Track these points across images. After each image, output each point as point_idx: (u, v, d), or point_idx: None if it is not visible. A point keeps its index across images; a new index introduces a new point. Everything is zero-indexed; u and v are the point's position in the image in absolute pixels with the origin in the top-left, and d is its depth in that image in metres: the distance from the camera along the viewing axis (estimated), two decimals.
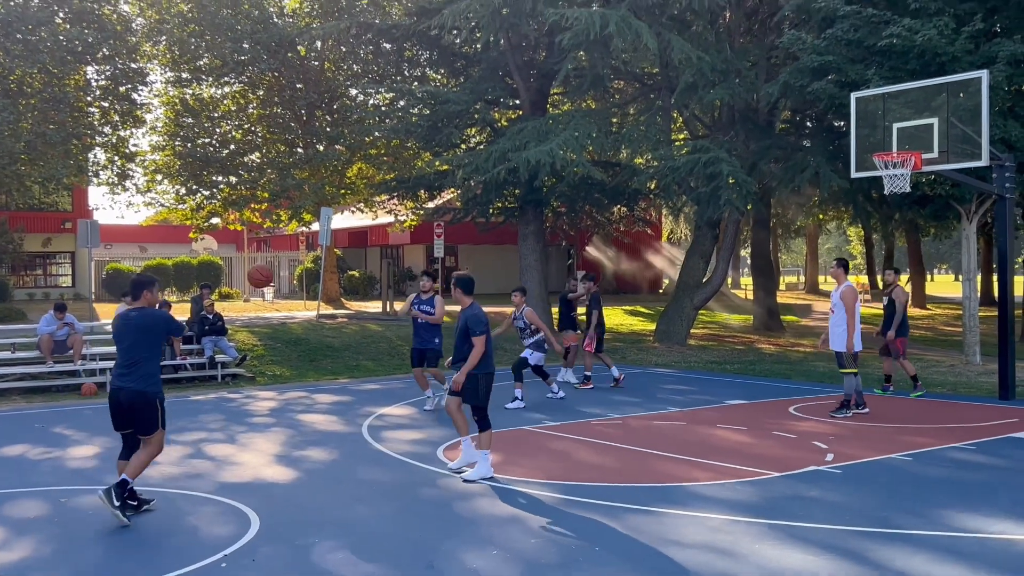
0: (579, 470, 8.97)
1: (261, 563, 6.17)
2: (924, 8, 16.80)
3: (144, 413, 7.33)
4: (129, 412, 7.34)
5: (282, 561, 6.22)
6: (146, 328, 7.40)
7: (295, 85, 28.19)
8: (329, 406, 13.63)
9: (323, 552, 6.38)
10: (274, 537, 6.76)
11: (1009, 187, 13.65)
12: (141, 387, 7.29)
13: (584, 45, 20.40)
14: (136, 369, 7.33)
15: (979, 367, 17.27)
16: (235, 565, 6.13)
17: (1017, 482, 8.20)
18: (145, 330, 7.40)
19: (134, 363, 7.34)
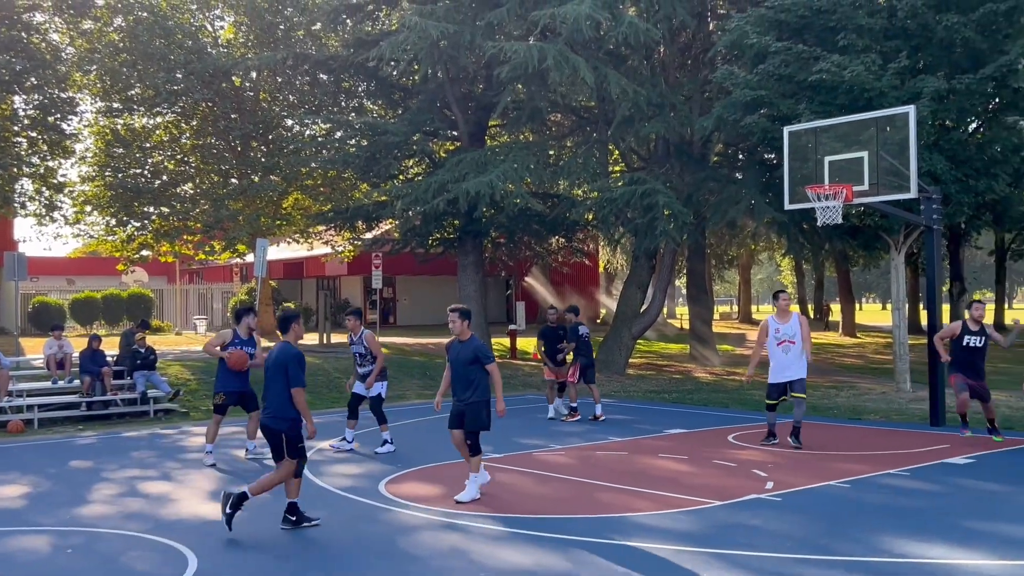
0: (523, 502, 8.92)
1: None
2: (852, 45, 17.32)
3: (272, 440, 7.89)
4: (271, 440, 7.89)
5: None
6: (278, 364, 7.82)
7: (230, 115, 27.87)
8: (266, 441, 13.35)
9: None
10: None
11: (936, 218, 14.07)
12: (266, 421, 7.89)
13: (522, 78, 20.62)
14: (268, 403, 7.88)
15: (910, 394, 17.66)
16: None
17: (950, 507, 8.37)
18: (284, 362, 7.80)
19: (267, 397, 7.89)
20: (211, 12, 29.72)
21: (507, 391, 20.07)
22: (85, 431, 14.88)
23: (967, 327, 11.84)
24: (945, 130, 17.95)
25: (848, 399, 17.42)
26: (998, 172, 18.09)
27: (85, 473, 10.92)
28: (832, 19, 17.58)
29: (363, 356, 12.24)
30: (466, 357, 9.01)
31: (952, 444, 11.85)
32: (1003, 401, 16.49)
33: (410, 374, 21.69)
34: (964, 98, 17.12)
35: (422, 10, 21.28)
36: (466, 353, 9.03)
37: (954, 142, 17.72)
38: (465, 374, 9.04)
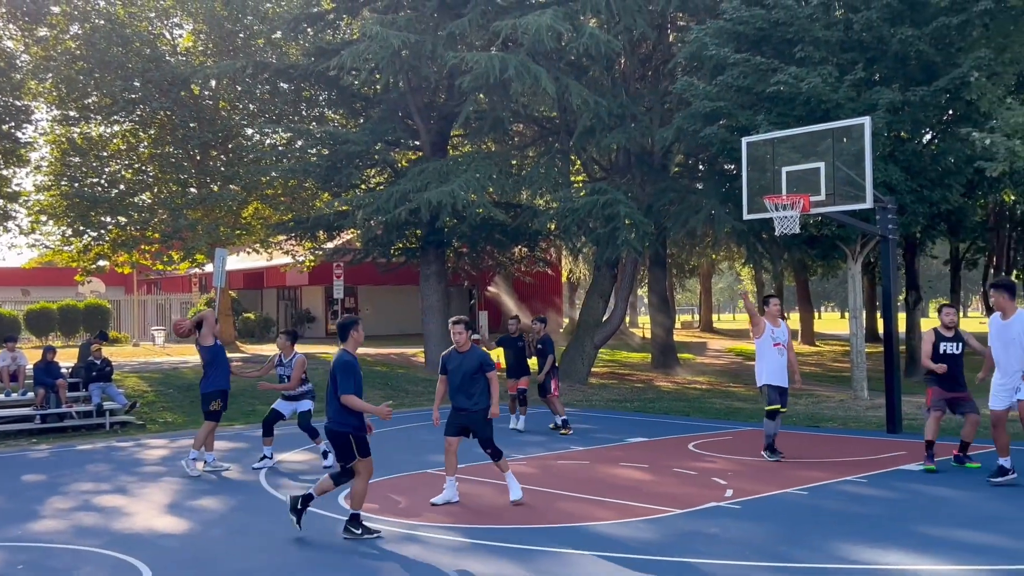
0: (484, 513, 8.89)
1: None
2: (809, 57, 17.55)
3: (335, 442, 7.93)
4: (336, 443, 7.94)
5: None
6: (335, 369, 7.91)
7: (188, 124, 27.59)
8: (224, 453, 13.20)
9: None
10: None
11: (892, 228, 14.28)
12: (330, 426, 7.93)
13: (484, 88, 20.65)
14: (329, 407, 7.97)
15: (867, 402, 17.88)
16: None
17: (906, 513, 8.47)
18: (334, 371, 7.91)
19: (329, 402, 7.96)
20: (169, 20, 29.46)
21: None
22: (39, 444, 14.61)
23: (940, 334, 10.80)
24: (900, 141, 18.24)
25: (807, 407, 17.59)
26: (952, 183, 18.41)
27: (38, 487, 10.72)
28: (789, 31, 17.81)
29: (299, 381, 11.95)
30: (470, 367, 9.16)
31: (908, 451, 12.00)
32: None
33: (372, 385, 21.54)
34: (918, 110, 17.42)
35: (383, 19, 21.25)
36: (470, 363, 9.18)
37: (909, 153, 18.01)
38: (469, 384, 9.18)
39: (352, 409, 7.85)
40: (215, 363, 11.43)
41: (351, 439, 7.87)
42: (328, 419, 7.99)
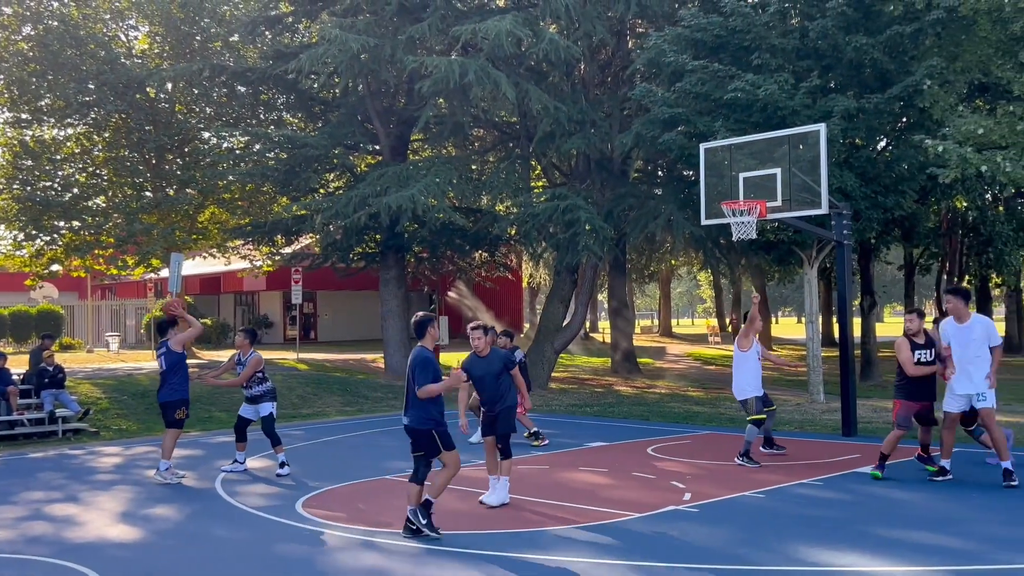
0: (443, 518, 8.84)
1: None
2: (766, 64, 17.74)
3: (420, 440, 8.11)
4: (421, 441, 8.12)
5: None
6: (414, 365, 8.08)
7: (144, 127, 27.20)
8: (179, 461, 13.00)
9: None
10: None
11: (847, 234, 14.46)
12: (412, 424, 8.09)
13: (444, 93, 20.62)
14: (410, 406, 8.11)
15: (823, 405, 18.08)
16: None
17: (861, 515, 8.56)
18: (413, 367, 8.07)
19: (408, 401, 8.13)
20: (125, 22, 29.01)
21: None
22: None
23: (914, 343, 10.43)
24: (855, 148, 18.50)
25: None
26: (905, 189, 18.72)
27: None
28: (746, 39, 17.99)
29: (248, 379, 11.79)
30: (496, 369, 9.33)
31: (863, 454, 12.15)
32: None
33: (330, 390, 21.40)
34: (873, 117, 17.67)
35: (342, 23, 21.13)
36: (495, 365, 9.34)
37: (863, 160, 18.27)
38: (496, 386, 9.37)
39: (432, 405, 8.05)
40: (178, 370, 11.23)
41: (434, 434, 8.09)
42: (409, 418, 8.11)
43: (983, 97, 21.47)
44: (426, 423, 8.05)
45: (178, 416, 11.20)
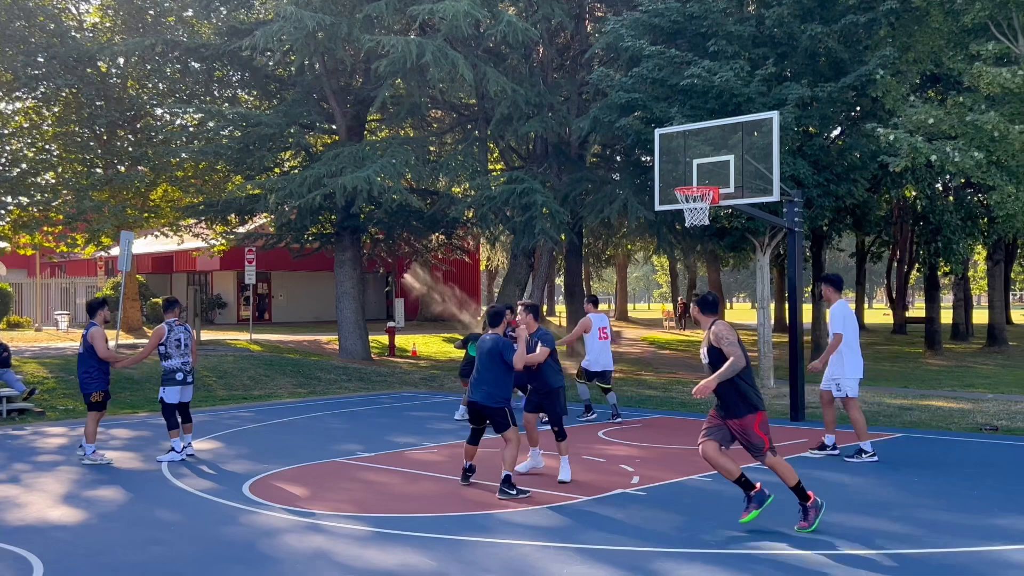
0: (391, 501, 8.82)
1: None
2: (722, 51, 17.83)
3: (495, 417, 9.15)
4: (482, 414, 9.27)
5: None
6: (493, 352, 9.16)
7: (95, 102, 26.67)
8: (127, 441, 12.85)
9: None
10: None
11: (798, 221, 14.60)
12: (485, 401, 9.12)
13: (401, 73, 20.45)
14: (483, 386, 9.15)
15: (773, 390, 18.29)
16: None
17: None
18: (493, 354, 9.15)
19: (484, 380, 9.15)
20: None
21: (384, 389, 19.91)
22: None
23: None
24: (808, 136, 18.67)
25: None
26: (857, 178, 18.95)
27: None
28: (704, 25, 18.06)
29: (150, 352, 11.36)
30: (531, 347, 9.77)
31: (809, 438, 12.31)
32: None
33: (283, 372, 21.24)
34: (826, 105, 17.85)
35: (298, 0, 20.85)
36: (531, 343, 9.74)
37: (817, 148, 18.46)
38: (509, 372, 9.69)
39: (506, 386, 9.18)
40: (95, 354, 10.97)
41: (507, 412, 9.13)
42: (481, 396, 9.11)
43: (934, 88, 21.80)
44: (501, 402, 9.13)
45: (93, 400, 11.04)
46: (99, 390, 11.00)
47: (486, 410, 9.17)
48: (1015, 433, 12.71)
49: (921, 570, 6.34)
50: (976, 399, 16.76)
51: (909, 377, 21.79)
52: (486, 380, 9.17)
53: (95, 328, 11.04)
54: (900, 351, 31.08)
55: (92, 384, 11.00)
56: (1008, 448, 11.55)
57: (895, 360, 27.55)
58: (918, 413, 14.80)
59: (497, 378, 9.15)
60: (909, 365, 25.69)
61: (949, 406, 15.69)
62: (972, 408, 15.32)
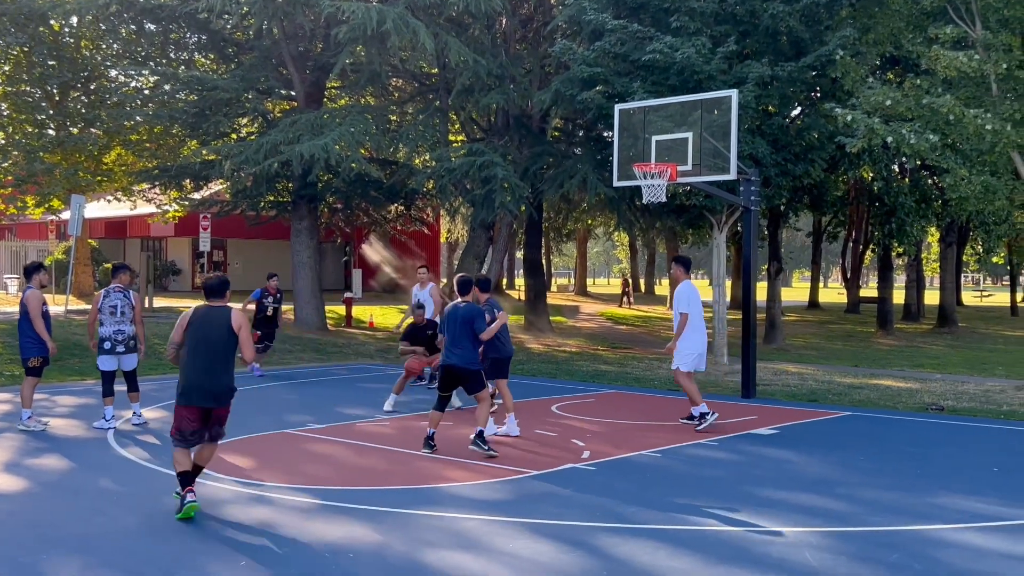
0: (339, 474, 8.78)
1: None
2: (684, 28, 17.79)
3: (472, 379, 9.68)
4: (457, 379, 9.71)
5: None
6: (465, 319, 9.58)
7: (47, 62, 26.01)
8: (73, 409, 12.65)
9: (53, 571, 5.86)
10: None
11: (755, 200, 14.66)
12: (462, 364, 9.57)
13: (361, 40, 20.15)
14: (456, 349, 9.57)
15: (726, 367, 18.47)
16: None
17: (753, 475, 8.77)
18: (464, 321, 9.57)
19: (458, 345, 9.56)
20: None
21: (339, 360, 19.79)
22: None
23: None
24: (767, 115, 18.75)
25: (668, 370, 17.98)
26: (815, 158, 19.08)
27: None
28: (667, 0, 17.99)
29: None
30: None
31: (759, 416, 12.45)
32: (809, 375, 17.50)
33: None
34: (786, 85, 17.91)
35: None
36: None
37: (775, 127, 18.54)
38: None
39: (478, 350, 9.77)
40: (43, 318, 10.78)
41: (481, 374, 9.79)
42: (457, 358, 9.55)
43: (893, 70, 21.97)
44: (477, 364, 9.71)
45: (31, 365, 10.88)
46: (37, 355, 10.83)
47: (463, 372, 9.61)
48: (961, 413, 12.95)
49: (859, 548, 6.43)
50: (924, 379, 17.06)
51: (860, 356, 22.12)
52: (461, 344, 9.61)
53: (30, 291, 10.85)
54: (853, 330, 31.54)
55: (31, 349, 10.82)
56: (953, 428, 11.76)
57: (847, 339, 27.94)
58: (867, 392, 15.03)
59: (472, 343, 9.65)
60: (860, 344, 26.07)
61: (897, 385, 15.95)
62: (920, 388, 15.59)
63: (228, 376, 7.30)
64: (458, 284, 10.12)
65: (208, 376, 7.19)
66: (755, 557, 6.20)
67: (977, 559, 6.22)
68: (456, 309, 9.75)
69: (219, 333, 7.24)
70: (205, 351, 7.21)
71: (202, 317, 7.32)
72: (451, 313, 9.78)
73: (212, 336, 7.24)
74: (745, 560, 6.13)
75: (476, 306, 9.86)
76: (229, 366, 7.32)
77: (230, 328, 7.24)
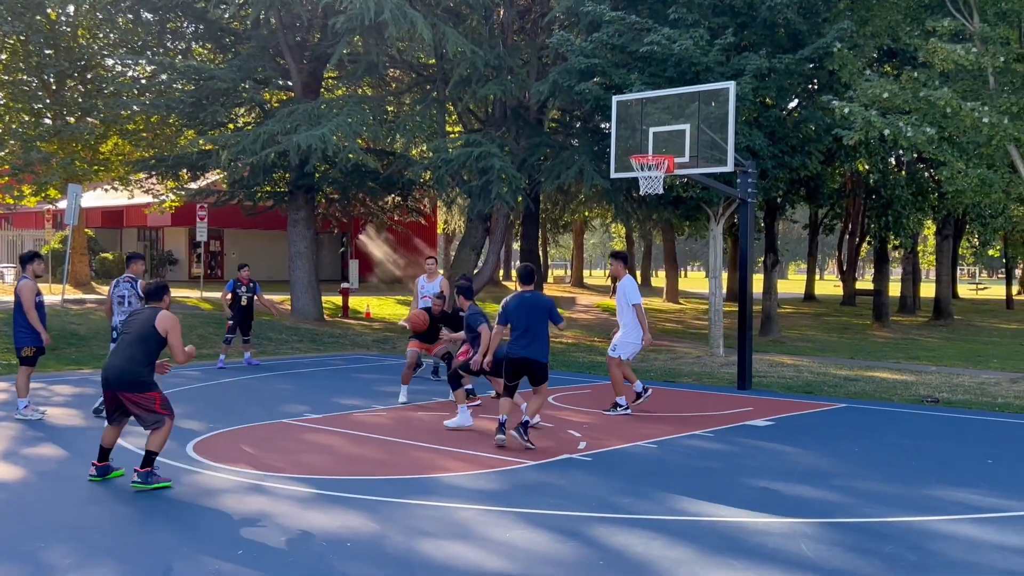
0: (336, 464, 8.79)
1: None
2: (682, 19, 17.77)
3: (542, 372, 9.50)
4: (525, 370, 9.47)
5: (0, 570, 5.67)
6: (539, 308, 9.46)
7: (44, 51, 25.94)
8: (69, 398, 12.66)
9: (49, 560, 5.87)
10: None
11: (751, 192, 14.66)
12: (535, 356, 9.39)
13: (358, 30, 20.11)
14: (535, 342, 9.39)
15: (722, 358, 18.51)
16: None
17: (747, 467, 8.80)
18: (538, 310, 9.44)
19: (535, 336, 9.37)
20: None
21: (335, 350, 19.80)
22: None
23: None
24: (765, 107, 18.74)
25: (665, 362, 18.08)
26: (812, 150, 19.08)
27: None
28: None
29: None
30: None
31: (755, 407, 12.48)
32: (805, 367, 17.53)
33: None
34: (784, 77, 17.90)
35: None
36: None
37: (773, 119, 18.54)
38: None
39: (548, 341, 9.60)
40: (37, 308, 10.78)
41: (547, 368, 9.57)
42: (533, 352, 9.37)
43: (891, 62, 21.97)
44: (547, 356, 9.51)
45: (24, 354, 10.92)
46: (30, 345, 10.84)
47: (536, 364, 9.40)
48: (955, 406, 12.99)
49: (855, 539, 6.46)
50: (919, 371, 17.10)
51: (856, 348, 22.17)
52: (537, 336, 9.41)
53: (24, 281, 10.87)
54: (848, 322, 31.59)
55: (24, 339, 10.84)
56: (948, 420, 11.80)
57: (843, 331, 28.00)
58: (862, 384, 15.07)
59: (545, 333, 9.47)
60: (856, 336, 26.13)
61: (893, 378, 15.99)
62: (915, 380, 15.63)
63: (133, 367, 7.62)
64: (523, 273, 9.86)
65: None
66: (750, 548, 6.23)
67: (971, 550, 6.26)
68: (528, 299, 9.50)
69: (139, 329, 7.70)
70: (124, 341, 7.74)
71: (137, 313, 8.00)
72: (521, 303, 9.49)
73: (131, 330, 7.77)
74: (740, 551, 6.16)
75: (547, 296, 9.66)
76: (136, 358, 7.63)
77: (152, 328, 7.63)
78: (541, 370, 9.48)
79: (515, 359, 9.48)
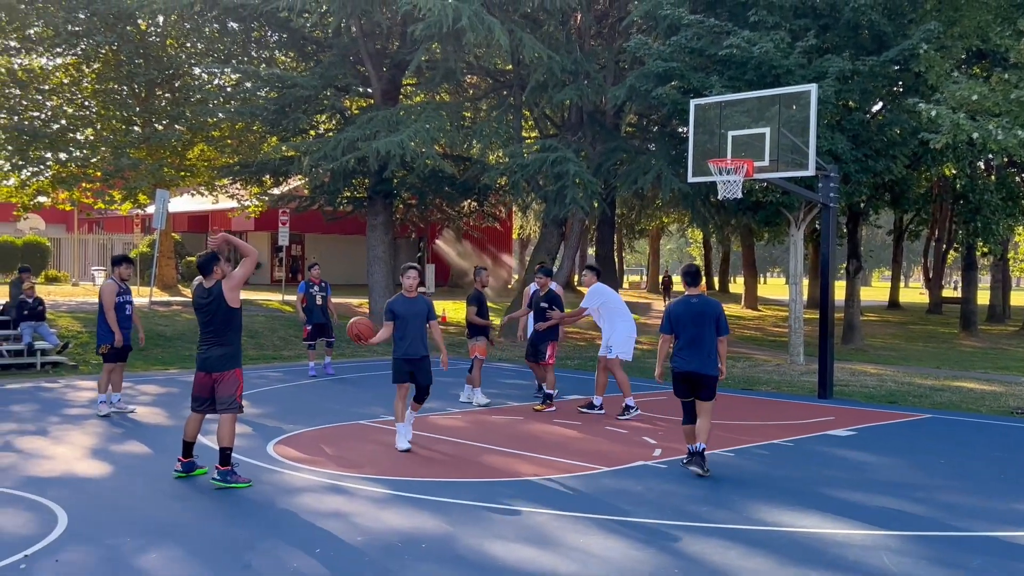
0: (411, 465, 8.88)
1: (65, 564, 5.80)
2: (763, 22, 17.52)
3: (711, 386, 8.49)
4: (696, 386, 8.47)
5: (89, 562, 5.86)
6: (708, 316, 8.43)
7: (134, 60, 26.79)
8: (156, 397, 13.04)
9: (134, 552, 6.06)
10: (82, 536, 6.38)
11: (833, 196, 14.37)
12: (703, 369, 8.40)
13: (437, 37, 20.32)
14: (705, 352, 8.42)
15: (802, 367, 18.15)
16: (36, 566, 5.74)
17: (827, 477, 8.62)
18: (714, 316, 8.44)
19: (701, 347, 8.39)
20: None
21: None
22: None
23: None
24: (848, 110, 18.35)
25: (743, 370, 17.82)
26: (896, 154, 18.61)
27: None
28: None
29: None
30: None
31: (836, 416, 12.22)
32: (889, 376, 17.09)
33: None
34: (867, 80, 17.51)
35: None
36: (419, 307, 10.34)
37: (856, 123, 18.14)
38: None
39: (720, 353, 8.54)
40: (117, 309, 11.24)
41: (715, 381, 8.55)
42: (702, 363, 8.38)
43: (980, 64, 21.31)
44: (715, 369, 8.50)
45: (100, 352, 11.41)
46: (104, 343, 11.26)
47: (706, 378, 8.41)
48: None
49: (939, 552, 6.27)
50: (1009, 382, 16.53)
51: (942, 358, 21.54)
52: (703, 346, 8.40)
53: (106, 283, 11.36)
54: (934, 331, 30.71)
55: (102, 338, 11.30)
56: None
57: (928, 340, 27.22)
58: (948, 395, 14.63)
59: (713, 343, 8.44)
60: (943, 346, 25.38)
61: (981, 388, 15.49)
62: (1004, 391, 15.12)
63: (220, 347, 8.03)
64: (688, 274, 8.71)
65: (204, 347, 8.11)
66: (830, 559, 6.10)
67: None
68: (695, 305, 8.46)
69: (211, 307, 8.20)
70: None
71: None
72: (687, 309, 8.46)
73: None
74: (819, 562, 6.04)
75: (716, 301, 8.59)
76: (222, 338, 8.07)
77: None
78: (708, 384, 8.45)
79: (682, 372, 8.45)
